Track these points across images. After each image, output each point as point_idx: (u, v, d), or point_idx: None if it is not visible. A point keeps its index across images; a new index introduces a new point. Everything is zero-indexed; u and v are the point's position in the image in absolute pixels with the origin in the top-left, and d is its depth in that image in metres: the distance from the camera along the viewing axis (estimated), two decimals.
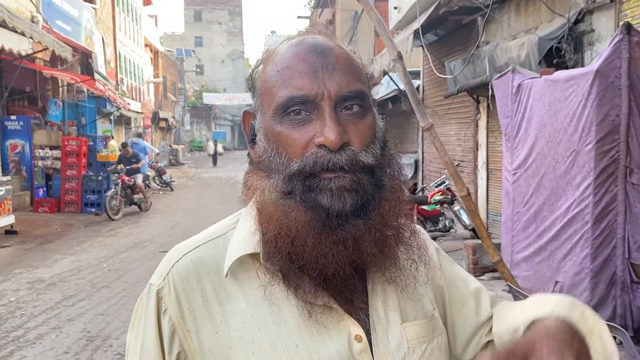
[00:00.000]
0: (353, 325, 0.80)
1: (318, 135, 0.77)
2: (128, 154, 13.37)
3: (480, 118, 9.28)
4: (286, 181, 0.78)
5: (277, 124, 0.79)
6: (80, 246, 9.03)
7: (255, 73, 0.88)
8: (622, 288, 4.29)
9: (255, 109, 0.86)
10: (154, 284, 0.83)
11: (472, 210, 3.27)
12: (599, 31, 5.96)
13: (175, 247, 0.87)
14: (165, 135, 34.81)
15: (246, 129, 0.90)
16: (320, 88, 0.77)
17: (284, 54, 0.82)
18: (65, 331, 5.00)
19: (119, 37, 23.50)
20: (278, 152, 0.79)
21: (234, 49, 63.14)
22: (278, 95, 0.79)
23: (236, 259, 0.80)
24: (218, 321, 0.79)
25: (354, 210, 0.76)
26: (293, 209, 0.77)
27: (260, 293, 0.79)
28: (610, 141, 4.22)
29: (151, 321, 0.81)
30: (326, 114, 0.77)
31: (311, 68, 0.78)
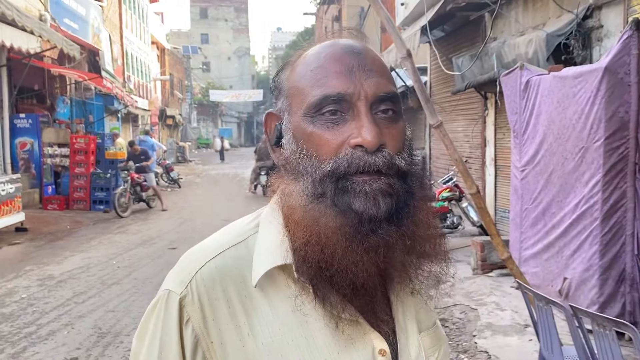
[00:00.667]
0: (377, 339, 0.78)
1: (354, 136, 0.74)
2: (136, 151, 13.41)
3: (487, 114, 9.26)
4: (317, 183, 0.75)
5: (308, 124, 0.77)
6: (90, 243, 9.10)
7: (280, 75, 0.86)
8: (632, 285, 4.28)
9: (282, 110, 0.83)
10: (175, 291, 0.77)
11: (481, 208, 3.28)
12: (608, 27, 5.94)
13: (194, 252, 0.82)
14: (172, 133, 34.91)
15: (268, 131, 0.86)
16: (357, 88, 0.75)
17: (317, 54, 0.80)
18: (77, 327, 5.05)
19: (126, 34, 23.57)
20: (308, 153, 0.76)
21: (240, 46, 63.16)
22: (311, 94, 0.77)
23: (268, 270, 0.77)
24: (245, 334, 0.75)
25: (387, 216, 0.73)
26: (323, 214, 0.74)
27: (288, 305, 0.76)
28: (619, 138, 4.21)
29: (171, 331, 0.76)
30: (362, 114, 0.75)
31: (347, 68, 0.76)
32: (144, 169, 13.04)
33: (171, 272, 0.81)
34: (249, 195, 15.75)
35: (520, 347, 4.38)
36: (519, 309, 5.13)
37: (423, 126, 13.17)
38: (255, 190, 15.92)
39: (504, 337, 4.59)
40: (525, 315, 4.84)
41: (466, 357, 4.37)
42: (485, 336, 4.64)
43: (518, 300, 5.35)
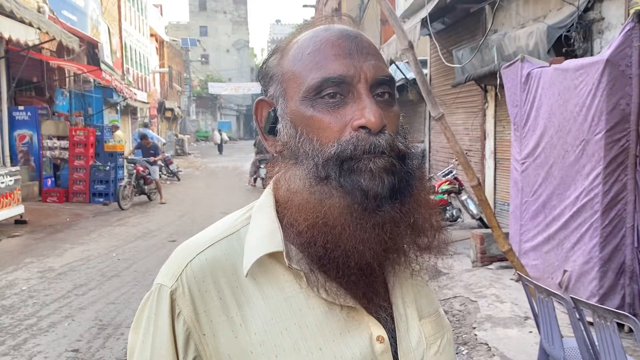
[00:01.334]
0: (375, 325, 0.77)
1: (357, 118, 0.74)
2: (148, 144, 13.57)
3: (488, 107, 9.25)
4: (320, 167, 0.74)
5: (307, 108, 0.76)
6: (90, 236, 9.10)
7: (269, 62, 0.85)
8: (631, 277, 4.29)
9: (274, 97, 0.82)
10: (166, 284, 0.77)
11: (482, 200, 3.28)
12: (609, 19, 5.92)
13: (185, 245, 0.81)
14: (171, 125, 34.84)
15: (259, 118, 0.85)
16: (357, 70, 0.75)
17: (311, 38, 0.80)
18: (77, 319, 5.06)
19: (125, 27, 23.48)
20: (309, 137, 0.76)
21: (239, 38, 62.96)
22: (310, 77, 0.76)
23: (257, 259, 0.76)
24: (237, 324, 0.74)
25: (391, 193, 0.74)
26: (329, 194, 0.73)
27: (280, 294, 0.76)
28: (620, 130, 4.21)
29: (163, 325, 0.76)
30: (364, 96, 0.75)
31: (346, 51, 0.76)
32: (151, 163, 13.12)
33: (163, 267, 0.81)
34: (248, 188, 15.75)
35: (520, 339, 4.40)
36: (518, 301, 5.15)
37: (423, 119, 13.15)
38: (254, 183, 15.91)
39: (504, 329, 4.60)
40: (524, 307, 4.85)
41: (466, 349, 4.38)
42: (485, 328, 4.66)
43: (518, 292, 5.36)
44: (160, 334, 0.76)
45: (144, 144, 13.60)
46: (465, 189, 8.79)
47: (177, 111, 35.01)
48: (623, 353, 2.55)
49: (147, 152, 13.36)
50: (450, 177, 8.96)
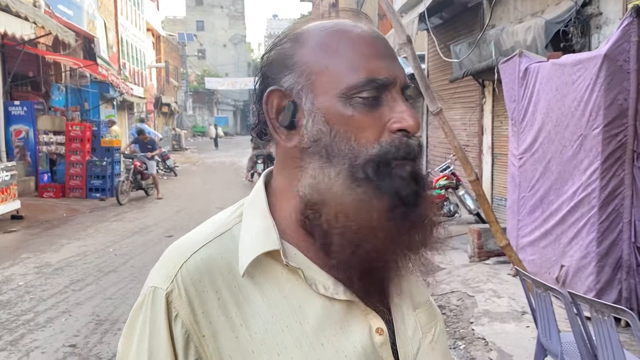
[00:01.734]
0: (373, 318, 0.78)
1: (396, 120, 0.75)
2: (146, 139, 13.56)
3: (485, 102, 9.25)
4: (359, 167, 0.74)
5: (346, 107, 0.75)
6: (86, 231, 9.08)
7: (283, 49, 0.80)
8: (628, 272, 4.31)
9: (295, 88, 0.78)
10: (160, 287, 0.75)
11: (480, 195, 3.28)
12: (607, 14, 5.91)
13: (177, 245, 0.79)
14: (167, 121, 34.76)
15: (270, 108, 0.80)
16: (394, 74, 0.77)
17: (344, 33, 0.77)
18: (75, 315, 5.05)
19: (121, 21, 23.38)
20: (346, 137, 0.74)
21: (236, 33, 62.77)
22: (351, 76, 0.74)
23: (255, 257, 0.75)
24: (237, 324, 0.73)
25: (416, 199, 0.75)
26: (369, 197, 0.73)
27: (278, 292, 0.75)
28: (618, 125, 4.21)
29: (160, 329, 0.74)
30: (399, 99, 0.77)
31: (381, 53, 0.77)
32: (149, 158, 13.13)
33: (155, 268, 0.79)
34: (245, 184, 15.74)
35: (517, 333, 4.41)
36: (516, 296, 5.16)
37: (420, 114, 13.14)
38: (252, 179, 15.89)
39: (501, 324, 4.61)
40: (522, 302, 4.86)
41: (463, 343, 4.39)
42: (482, 323, 4.67)
43: (515, 287, 5.37)
44: (158, 338, 0.74)
45: (141, 139, 13.58)
46: (463, 184, 8.79)
47: (173, 106, 34.93)
48: (620, 347, 2.56)
49: (145, 147, 13.34)
50: (447, 173, 8.97)
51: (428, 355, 0.83)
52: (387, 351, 0.78)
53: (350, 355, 0.74)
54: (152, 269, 0.80)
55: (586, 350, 2.86)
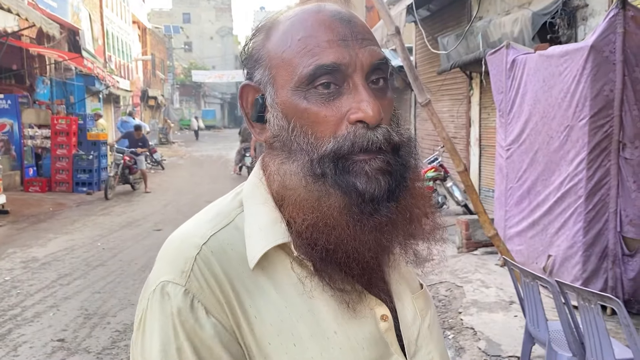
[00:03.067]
0: (378, 305, 0.78)
1: (353, 111, 0.71)
2: (139, 136, 13.43)
3: (472, 94, 9.29)
4: (316, 163, 0.71)
5: (301, 99, 0.72)
6: (74, 225, 9.01)
7: (253, 43, 0.79)
8: (614, 261, 4.36)
9: (262, 82, 0.77)
10: (176, 282, 0.71)
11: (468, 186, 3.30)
12: (593, 6, 5.95)
13: (184, 237, 0.76)
14: (154, 114, 34.49)
15: (244, 104, 0.80)
16: (353, 58, 0.71)
17: (301, 21, 0.74)
18: (63, 309, 5.02)
19: (106, 13, 23.11)
20: (303, 131, 0.72)
21: (223, 25, 62.34)
22: (302, 66, 0.71)
23: (266, 250, 0.73)
24: (252, 316, 0.72)
25: (388, 194, 0.72)
26: (327, 193, 0.71)
27: (289, 283, 0.74)
28: (604, 116, 4.25)
29: (182, 325, 0.70)
30: (360, 86, 0.71)
31: (340, 37, 0.72)
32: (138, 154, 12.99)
33: (162, 264, 0.74)
34: (233, 177, 15.68)
35: (505, 323, 4.46)
36: (503, 286, 5.21)
37: (408, 106, 13.17)
38: (240, 172, 15.85)
39: (490, 314, 4.65)
40: (509, 292, 4.91)
41: (452, 333, 4.43)
42: (471, 313, 4.71)
43: (503, 277, 5.43)
44: (183, 335, 0.70)
45: (134, 134, 13.45)
46: (451, 175, 8.84)
47: (160, 99, 34.68)
48: (607, 335, 2.60)
49: (136, 143, 13.18)
50: (435, 164, 9.01)
51: (427, 338, 0.85)
52: (392, 337, 0.79)
53: (360, 342, 0.75)
54: (158, 264, 0.76)
55: (573, 338, 2.90)
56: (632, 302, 4.31)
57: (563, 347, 3.03)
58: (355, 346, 0.75)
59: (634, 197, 4.26)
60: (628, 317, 2.48)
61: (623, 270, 4.36)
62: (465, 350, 4.08)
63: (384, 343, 0.78)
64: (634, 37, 4.11)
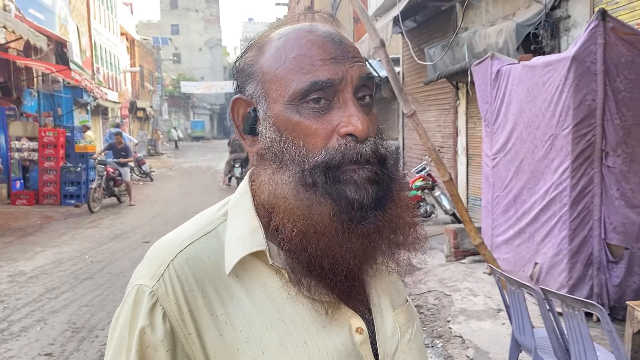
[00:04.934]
0: (353, 317, 0.80)
1: (343, 125, 0.75)
2: (120, 144, 13.18)
3: (459, 104, 9.38)
4: (307, 173, 0.75)
5: (293, 113, 0.76)
6: (61, 238, 8.95)
7: (246, 58, 0.83)
8: (599, 268, 4.41)
9: (254, 96, 0.80)
10: (146, 285, 0.75)
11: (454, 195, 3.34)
12: (575, 17, 6.06)
13: (163, 244, 0.79)
14: (143, 125, 34.37)
15: (236, 117, 0.84)
16: (344, 73, 0.76)
17: (295, 40, 0.78)
18: (50, 323, 4.98)
19: (94, 25, 23.08)
20: (295, 143, 0.76)
21: (211, 37, 62.39)
22: (296, 81, 0.75)
23: (241, 257, 0.76)
24: (222, 323, 0.74)
25: (375, 203, 0.75)
26: (317, 202, 0.74)
27: (263, 291, 0.77)
28: (587, 125, 4.32)
29: (140, 325, 0.74)
30: (350, 101, 0.76)
31: (332, 56, 0.76)
32: (122, 165, 12.82)
33: (140, 267, 0.79)
34: (223, 188, 15.66)
35: (493, 331, 4.49)
36: (491, 294, 5.24)
37: (396, 117, 13.25)
38: (229, 183, 15.83)
39: (478, 322, 4.68)
40: (497, 300, 4.95)
41: (441, 342, 4.45)
42: (459, 321, 4.73)
43: (490, 285, 5.46)
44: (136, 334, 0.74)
45: (115, 144, 13.28)
46: (439, 185, 8.89)
47: (149, 111, 34.56)
48: (591, 341, 2.63)
49: (119, 153, 13.06)
50: (423, 174, 9.06)
51: (405, 354, 0.85)
52: (367, 350, 0.80)
53: (332, 353, 0.76)
54: (138, 267, 0.80)
55: (558, 345, 2.93)
56: (617, 309, 4.36)
57: (549, 354, 3.06)
58: (325, 357, 0.76)
59: (617, 205, 4.33)
60: (611, 324, 2.52)
61: (608, 277, 4.41)
62: (454, 359, 4.10)
63: (357, 356, 0.78)
64: (614, 48, 4.19)
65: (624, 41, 4.19)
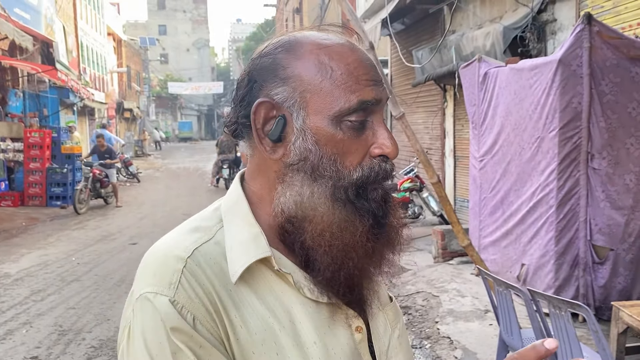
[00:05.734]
0: (354, 317, 0.83)
1: (377, 146, 0.79)
2: (103, 147, 12.98)
3: (447, 106, 9.43)
4: (341, 189, 0.78)
5: (336, 130, 0.77)
6: (47, 240, 8.86)
7: (277, 57, 0.80)
8: (585, 269, 4.46)
9: (288, 103, 0.78)
10: (163, 294, 0.72)
11: (442, 197, 3.35)
12: (561, 21, 6.13)
13: (168, 250, 0.78)
14: (130, 126, 34.15)
15: (257, 119, 0.80)
16: (381, 96, 0.80)
17: (342, 56, 0.79)
18: (36, 326, 4.93)
19: (81, 25, 22.89)
20: (333, 160, 0.78)
21: (199, 37, 62.18)
22: (344, 99, 0.77)
23: (249, 264, 0.77)
24: (238, 326, 0.75)
25: (387, 215, 0.81)
26: (351, 218, 0.78)
27: (272, 295, 0.78)
28: (573, 128, 4.37)
29: (165, 335, 0.71)
30: (382, 123, 0.81)
31: (372, 77, 0.80)
32: (107, 166, 12.66)
33: (144, 278, 0.76)
34: (211, 189, 15.60)
35: (481, 331, 4.52)
36: (479, 295, 5.28)
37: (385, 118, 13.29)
38: (217, 184, 15.78)
39: (465, 323, 4.71)
40: (485, 301, 4.98)
41: (429, 343, 4.47)
42: (447, 322, 4.76)
43: (478, 286, 5.50)
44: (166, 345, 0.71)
45: (98, 146, 13.07)
46: (427, 186, 8.94)
47: (136, 111, 34.34)
48: (577, 341, 2.66)
49: (102, 156, 12.85)
50: (411, 175, 9.11)
51: (396, 349, 0.89)
52: (364, 348, 0.83)
53: (339, 352, 0.79)
54: (140, 278, 0.77)
55: None
56: (603, 309, 4.41)
57: None
58: (333, 357, 0.78)
59: (602, 206, 4.38)
60: (597, 324, 2.56)
61: (593, 278, 4.47)
62: None
63: (357, 354, 0.82)
64: (600, 51, 4.25)
65: (609, 45, 4.25)
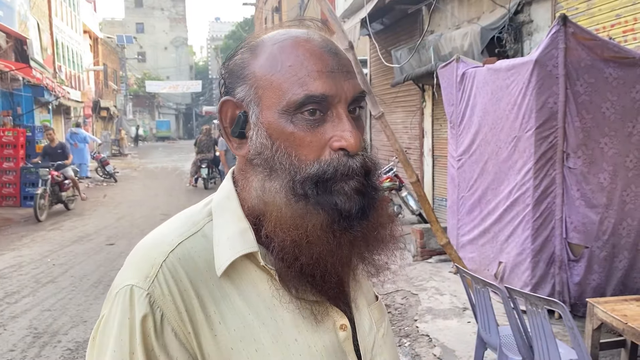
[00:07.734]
0: (337, 315, 0.82)
1: (337, 139, 0.76)
2: (53, 142, 11.86)
3: (425, 106, 9.50)
4: (298, 184, 0.76)
5: (288, 123, 0.76)
6: (21, 241, 8.69)
7: (237, 60, 0.81)
8: (560, 266, 4.54)
9: (245, 100, 0.79)
10: (139, 286, 0.73)
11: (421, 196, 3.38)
12: (537, 22, 6.22)
13: (151, 244, 0.79)
14: (106, 125, 33.69)
15: (223, 118, 0.83)
16: (338, 89, 0.76)
17: (292, 47, 0.78)
18: (10, 329, 4.84)
19: (56, 22, 22.50)
20: (287, 153, 0.76)
21: (177, 36, 61.62)
22: (292, 92, 0.75)
23: (234, 259, 0.77)
24: (216, 322, 0.75)
25: (361, 213, 0.77)
26: (309, 212, 0.75)
27: (254, 291, 0.78)
28: (549, 127, 4.43)
29: (138, 327, 0.73)
30: (344, 116, 0.76)
31: (329, 69, 0.76)
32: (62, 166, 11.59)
33: (126, 270, 0.77)
34: (189, 189, 15.47)
35: (459, 329, 4.56)
36: (457, 293, 5.33)
37: (364, 118, 13.32)
38: (196, 184, 15.65)
39: (444, 321, 4.75)
40: (463, 299, 5.03)
41: (408, 341, 4.50)
42: (426, 320, 4.79)
43: (456, 284, 5.55)
44: (137, 337, 0.72)
45: (48, 139, 12.01)
46: (406, 185, 8.99)
47: (113, 110, 33.90)
48: (553, 338, 2.71)
49: (55, 154, 11.64)
50: (391, 175, 9.14)
51: (381, 348, 0.89)
52: (349, 346, 0.83)
53: (320, 350, 0.79)
54: (122, 271, 0.78)
55: (522, 342, 3.00)
56: (578, 306, 4.49)
57: (513, 351, 3.13)
58: (315, 354, 0.78)
59: (577, 205, 4.46)
60: (572, 320, 2.60)
61: (569, 275, 4.54)
62: (421, 358, 4.15)
63: (342, 352, 0.82)
64: (575, 52, 4.32)
65: (584, 46, 4.32)
